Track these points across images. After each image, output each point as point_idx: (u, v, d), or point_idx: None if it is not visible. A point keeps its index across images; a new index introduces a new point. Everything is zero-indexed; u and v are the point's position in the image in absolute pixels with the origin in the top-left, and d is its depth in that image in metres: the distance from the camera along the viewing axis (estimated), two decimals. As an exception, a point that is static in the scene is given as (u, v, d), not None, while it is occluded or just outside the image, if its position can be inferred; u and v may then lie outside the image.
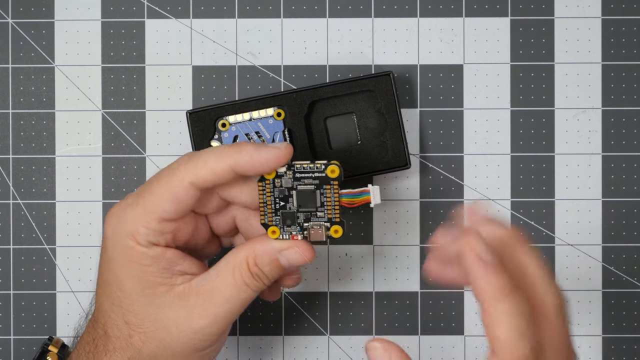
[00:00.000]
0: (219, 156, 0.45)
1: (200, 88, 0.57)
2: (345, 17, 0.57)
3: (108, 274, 0.47)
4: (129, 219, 0.46)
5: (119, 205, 0.47)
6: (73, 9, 0.57)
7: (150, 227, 0.45)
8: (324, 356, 0.57)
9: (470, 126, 0.57)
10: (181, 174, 0.45)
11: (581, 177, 0.57)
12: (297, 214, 0.46)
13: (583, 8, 0.57)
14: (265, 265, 0.46)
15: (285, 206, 0.46)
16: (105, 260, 0.47)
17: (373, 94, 0.55)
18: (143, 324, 0.46)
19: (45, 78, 0.57)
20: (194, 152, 0.47)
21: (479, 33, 0.57)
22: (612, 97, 0.57)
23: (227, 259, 0.47)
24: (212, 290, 0.46)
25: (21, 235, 0.57)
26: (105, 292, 0.47)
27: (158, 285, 0.46)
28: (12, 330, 0.57)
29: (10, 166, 0.57)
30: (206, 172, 0.45)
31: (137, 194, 0.46)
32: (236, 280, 0.46)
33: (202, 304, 0.46)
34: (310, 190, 0.45)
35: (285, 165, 0.45)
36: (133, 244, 0.45)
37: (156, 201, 0.45)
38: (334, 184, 0.45)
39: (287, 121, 0.55)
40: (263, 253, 0.46)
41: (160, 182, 0.46)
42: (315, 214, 0.46)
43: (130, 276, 0.46)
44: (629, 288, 0.57)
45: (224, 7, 0.57)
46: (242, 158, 0.45)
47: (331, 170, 0.45)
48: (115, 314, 0.46)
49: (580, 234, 0.57)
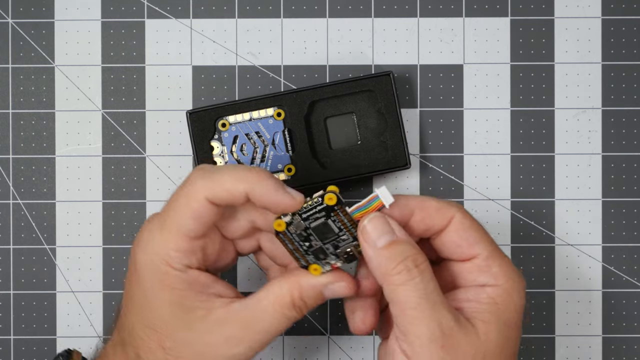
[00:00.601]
0: (236, 178, 0.45)
1: (200, 88, 0.57)
2: (345, 17, 0.57)
3: (140, 297, 0.46)
4: (157, 243, 0.45)
5: (146, 229, 0.46)
6: (73, 9, 0.57)
7: (180, 249, 0.45)
8: (324, 356, 0.57)
9: (470, 126, 0.57)
10: (197, 188, 0.45)
11: (581, 177, 0.57)
12: (325, 246, 0.46)
13: (583, 8, 0.57)
14: (310, 298, 0.46)
15: (311, 245, 0.46)
16: (137, 285, 0.46)
17: (373, 94, 0.55)
18: (179, 348, 0.45)
19: (45, 78, 0.57)
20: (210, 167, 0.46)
21: (479, 33, 0.57)
22: (612, 97, 0.57)
23: (269, 289, 0.46)
24: (252, 319, 0.46)
25: (21, 235, 0.57)
26: (137, 314, 0.46)
27: (195, 310, 0.45)
28: (12, 330, 0.57)
29: (10, 166, 0.57)
30: (222, 191, 0.45)
31: (160, 215, 0.46)
32: (276, 312, 0.46)
33: (240, 331, 0.45)
34: (322, 223, 0.45)
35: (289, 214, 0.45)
36: (167, 269, 0.45)
37: (179, 221, 0.45)
38: (339, 209, 0.44)
39: (287, 121, 0.55)
40: (309, 287, 0.46)
41: (179, 200, 0.45)
42: (340, 239, 0.45)
43: (167, 302, 0.45)
44: (629, 288, 0.57)
45: (224, 7, 0.57)
46: (259, 190, 0.45)
47: (328, 198, 0.44)
48: (150, 338, 0.46)
49: (580, 234, 0.57)
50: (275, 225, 0.45)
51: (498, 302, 0.45)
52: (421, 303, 0.43)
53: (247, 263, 0.57)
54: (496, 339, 0.44)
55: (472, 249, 0.46)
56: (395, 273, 0.44)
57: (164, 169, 0.57)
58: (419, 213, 0.46)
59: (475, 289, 0.46)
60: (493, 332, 0.44)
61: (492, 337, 0.44)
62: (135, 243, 0.47)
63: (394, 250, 0.44)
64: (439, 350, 0.43)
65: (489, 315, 0.45)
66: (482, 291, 0.45)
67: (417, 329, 0.43)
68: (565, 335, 0.57)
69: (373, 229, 0.44)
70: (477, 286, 0.46)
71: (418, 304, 0.43)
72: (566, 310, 0.57)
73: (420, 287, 0.43)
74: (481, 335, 0.44)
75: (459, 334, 0.43)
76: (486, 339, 0.44)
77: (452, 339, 0.43)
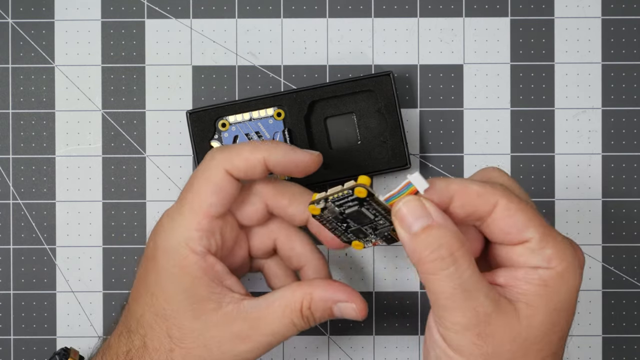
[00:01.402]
0: (253, 147, 0.46)
1: (200, 88, 0.57)
2: (345, 17, 0.57)
3: (154, 285, 0.46)
4: (179, 226, 0.46)
5: (165, 216, 0.47)
6: (73, 9, 0.57)
7: (201, 228, 0.46)
8: (324, 356, 0.57)
9: (470, 126, 0.57)
10: (216, 161, 0.46)
11: (581, 177, 0.57)
12: (363, 227, 0.45)
13: (583, 8, 0.57)
14: (318, 311, 0.46)
15: (349, 225, 0.45)
16: (153, 269, 0.46)
17: (373, 94, 0.55)
18: (186, 339, 0.46)
19: (45, 78, 0.57)
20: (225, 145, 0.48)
21: (479, 33, 0.57)
22: (612, 97, 0.57)
23: (281, 293, 0.47)
24: (260, 320, 0.46)
25: (21, 235, 0.57)
26: (149, 303, 0.46)
27: (207, 301, 0.46)
28: (12, 330, 0.57)
29: (10, 166, 0.57)
30: (240, 161, 0.46)
31: (180, 197, 0.47)
32: (285, 318, 0.46)
33: (248, 330, 0.46)
34: (357, 211, 0.44)
35: (322, 203, 0.44)
36: (187, 252, 0.45)
37: (200, 197, 0.46)
38: (370, 200, 0.43)
39: (287, 121, 0.55)
40: (320, 300, 0.46)
41: (198, 178, 0.46)
42: (378, 222, 0.45)
43: (181, 289, 0.46)
44: (629, 288, 0.57)
45: (224, 7, 0.57)
46: (276, 153, 0.46)
47: (358, 191, 0.43)
48: (159, 325, 0.46)
49: (580, 234, 0.57)
50: (310, 209, 0.44)
51: (549, 285, 0.42)
52: (455, 293, 0.41)
53: (247, 263, 0.57)
54: (541, 323, 0.42)
55: (522, 234, 0.43)
56: (429, 261, 0.41)
57: (164, 169, 0.57)
58: (459, 198, 0.43)
59: (527, 270, 0.43)
60: (539, 316, 0.42)
61: (536, 322, 0.42)
62: (155, 232, 0.47)
63: (429, 237, 0.41)
64: (475, 337, 0.41)
65: (537, 298, 0.42)
66: (535, 272, 0.42)
67: (452, 317, 0.41)
68: (565, 335, 0.57)
69: (408, 213, 0.42)
70: (530, 268, 0.43)
71: (452, 294, 0.41)
72: (566, 310, 0.57)
73: (454, 277, 0.41)
74: (522, 319, 0.42)
75: (498, 319, 0.41)
76: (528, 323, 0.42)
77: (489, 327, 0.41)
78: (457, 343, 0.42)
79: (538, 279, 0.42)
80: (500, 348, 0.41)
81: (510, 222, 0.42)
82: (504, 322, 0.41)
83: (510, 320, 0.42)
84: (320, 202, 0.44)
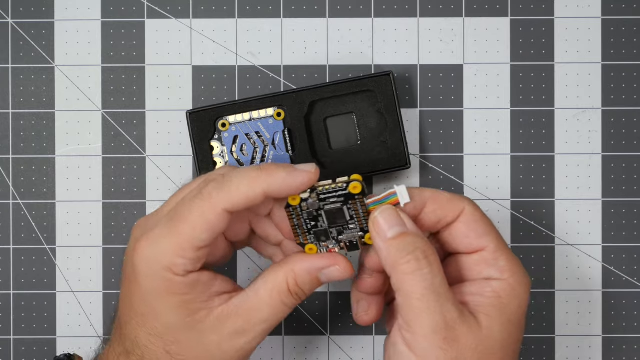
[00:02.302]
0: (251, 181, 0.45)
1: (200, 88, 0.57)
2: (345, 17, 0.57)
3: (142, 307, 0.46)
4: (163, 251, 0.45)
5: (148, 239, 0.46)
6: (73, 9, 0.57)
7: (186, 257, 0.45)
8: (324, 356, 0.57)
9: (470, 126, 0.57)
10: (215, 201, 0.45)
11: (581, 177, 0.57)
12: (330, 230, 0.46)
13: (583, 8, 0.57)
14: (306, 284, 0.47)
15: (316, 225, 0.46)
16: (138, 293, 0.46)
17: (373, 94, 0.55)
18: (186, 351, 0.46)
19: (45, 78, 0.57)
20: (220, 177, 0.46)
21: (479, 33, 0.57)
22: (612, 97, 0.57)
23: (265, 278, 0.47)
24: (251, 310, 0.46)
25: (21, 235, 0.57)
26: (140, 324, 0.46)
27: (199, 311, 0.46)
28: (12, 330, 0.57)
29: (10, 166, 0.57)
30: (240, 198, 0.45)
31: (167, 225, 0.46)
32: (274, 301, 0.46)
33: (242, 324, 0.46)
34: (337, 208, 0.45)
35: (308, 191, 0.45)
36: (171, 276, 0.45)
37: (192, 231, 0.45)
38: (359, 199, 0.45)
39: (287, 121, 0.55)
40: (303, 273, 0.46)
41: (193, 211, 0.45)
42: (347, 227, 0.46)
43: (170, 308, 0.45)
44: (629, 288, 0.57)
45: (224, 7, 0.57)
46: (275, 183, 0.45)
47: (353, 187, 0.45)
48: (155, 345, 0.46)
49: (580, 234, 0.57)
50: (290, 199, 0.46)
51: (502, 297, 0.45)
52: (426, 294, 0.43)
53: (247, 263, 0.57)
54: (499, 333, 0.45)
55: (480, 241, 0.46)
56: (405, 262, 0.44)
57: (164, 169, 0.57)
58: (431, 205, 0.47)
59: (480, 282, 0.46)
60: (496, 326, 0.45)
61: (494, 332, 0.44)
62: (133, 253, 0.46)
63: (404, 242, 0.44)
64: (441, 342, 0.43)
65: (493, 309, 0.45)
66: (487, 285, 0.46)
67: (421, 320, 0.43)
68: (565, 335, 0.57)
69: (384, 221, 0.45)
70: (483, 279, 0.46)
71: (423, 295, 0.43)
72: (566, 310, 0.57)
73: (427, 278, 0.44)
74: (484, 329, 0.44)
75: (462, 327, 0.44)
76: (489, 333, 0.44)
77: (454, 332, 0.43)
78: (424, 348, 0.43)
79: (491, 291, 0.45)
80: (464, 355, 0.43)
81: (472, 226, 0.46)
82: (467, 330, 0.44)
83: (473, 329, 0.44)
84: (306, 191, 0.45)
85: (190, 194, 0.46)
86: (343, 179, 0.45)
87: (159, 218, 0.47)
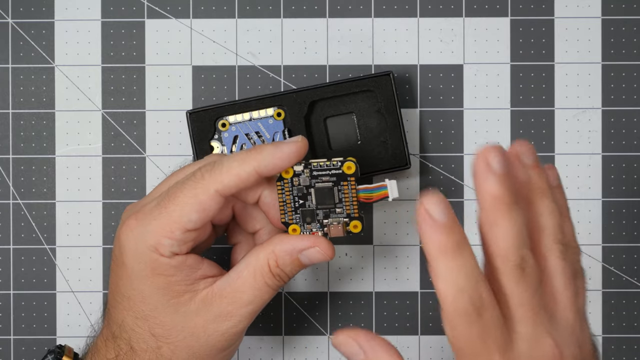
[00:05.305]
0: (242, 161, 0.45)
1: (200, 88, 0.57)
2: (345, 17, 0.57)
3: (128, 289, 0.46)
4: (150, 231, 0.45)
5: (137, 218, 0.46)
6: (73, 9, 0.57)
7: (174, 237, 0.45)
8: (324, 356, 0.57)
9: (470, 126, 0.57)
10: (206, 182, 0.45)
11: (581, 177, 0.57)
12: (317, 211, 0.46)
13: (583, 8, 0.57)
14: (286, 266, 0.47)
15: (304, 204, 0.46)
16: (124, 275, 0.46)
17: (373, 94, 0.55)
18: (170, 334, 0.46)
19: (45, 78, 0.57)
20: (214, 160, 0.46)
21: (479, 33, 0.57)
22: (612, 97, 0.57)
23: (247, 261, 0.47)
24: (235, 293, 0.46)
25: (21, 235, 0.57)
26: (127, 307, 0.47)
27: (183, 294, 0.46)
28: (12, 330, 0.57)
29: (10, 166, 0.57)
30: (232, 179, 0.45)
31: (158, 204, 0.46)
32: (257, 283, 0.46)
33: (227, 306, 0.46)
34: (328, 188, 0.46)
35: (302, 164, 0.46)
36: (157, 256, 0.45)
37: (182, 211, 0.45)
38: (351, 180, 0.46)
39: (287, 121, 0.55)
40: (284, 254, 0.47)
41: (185, 192, 0.45)
42: (334, 210, 0.46)
43: (156, 289, 0.46)
44: (629, 288, 0.57)
45: (224, 7, 0.57)
46: (265, 159, 0.45)
47: (347, 166, 0.46)
48: (141, 327, 0.46)
49: (580, 234, 0.57)
50: (284, 172, 0.46)
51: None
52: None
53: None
54: None
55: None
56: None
57: (164, 169, 0.57)
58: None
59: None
60: None
61: None
62: (121, 235, 0.46)
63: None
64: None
65: None
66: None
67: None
68: (565, 335, 0.57)
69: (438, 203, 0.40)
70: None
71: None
72: (566, 310, 0.57)
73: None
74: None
75: None
76: None
77: None
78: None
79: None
80: None
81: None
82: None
83: None
84: (300, 164, 0.46)
85: (182, 178, 0.46)
86: (338, 158, 0.46)
87: (149, 200, 0.47)
